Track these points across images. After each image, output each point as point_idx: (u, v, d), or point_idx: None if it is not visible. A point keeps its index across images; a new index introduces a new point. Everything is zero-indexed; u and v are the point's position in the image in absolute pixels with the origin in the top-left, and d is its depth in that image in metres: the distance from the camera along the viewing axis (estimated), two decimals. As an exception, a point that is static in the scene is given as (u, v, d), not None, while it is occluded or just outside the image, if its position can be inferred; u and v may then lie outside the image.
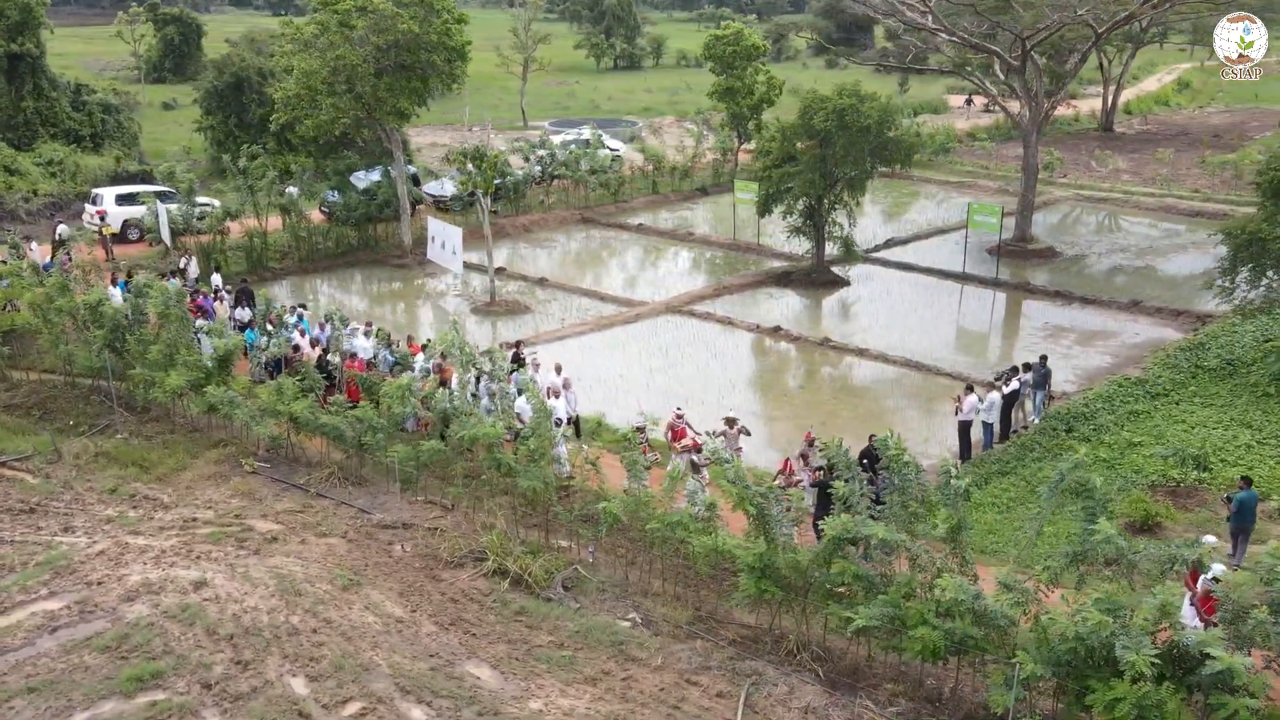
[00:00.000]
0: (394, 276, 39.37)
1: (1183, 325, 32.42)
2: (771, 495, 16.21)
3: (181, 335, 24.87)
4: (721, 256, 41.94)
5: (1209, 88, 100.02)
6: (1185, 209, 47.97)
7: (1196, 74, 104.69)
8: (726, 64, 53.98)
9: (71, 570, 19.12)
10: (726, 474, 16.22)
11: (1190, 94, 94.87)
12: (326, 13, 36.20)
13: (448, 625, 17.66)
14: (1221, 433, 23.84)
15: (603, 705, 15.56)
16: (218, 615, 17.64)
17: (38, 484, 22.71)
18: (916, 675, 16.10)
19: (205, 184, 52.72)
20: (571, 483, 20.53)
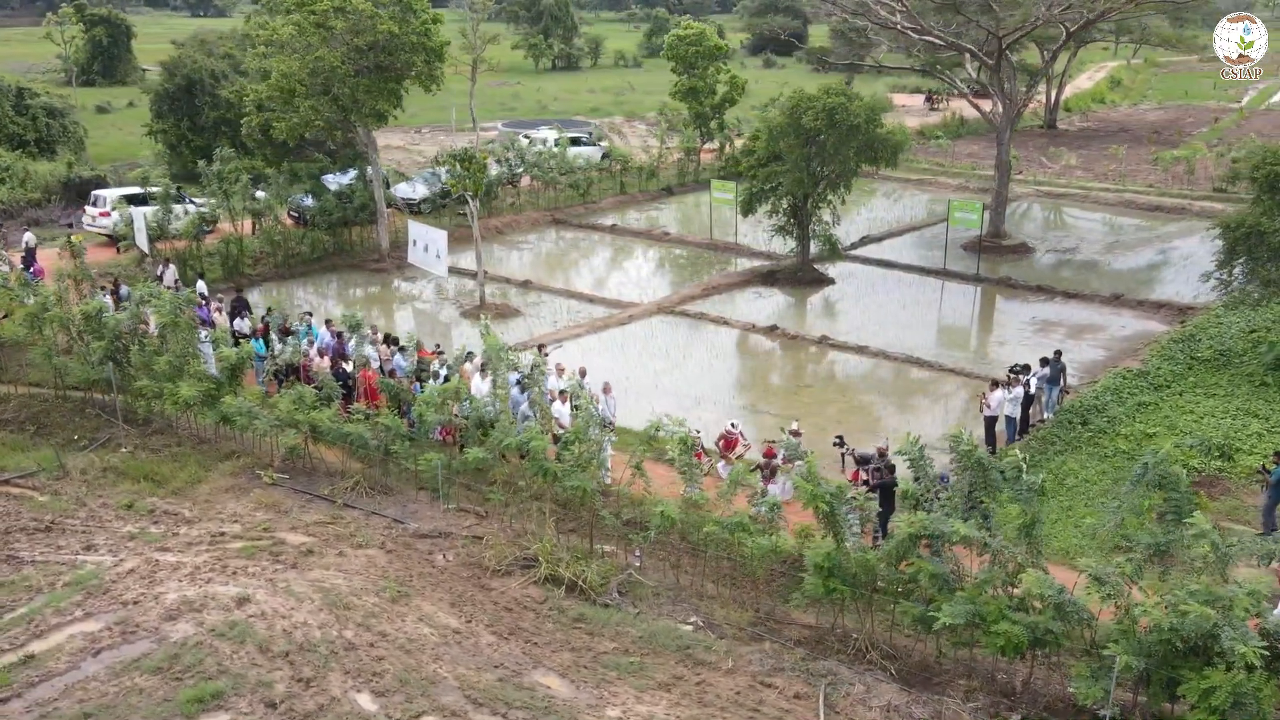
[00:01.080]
0: (373, 281, 38.76)
1: (1166, 318, 33.12)
2: (841, 495, 16.20)
3: (188, 345, 24.18)
4: (700, 256, 41.96)
5: (1139, 84, 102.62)
6: (1144, 204, 49.05)
7: (1124, 71, 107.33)
8: (689, 64, 54.04)
9: (104, 590, 18.53)
10: (799, 473, 16.20)
11: (1122, 91, 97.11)
12: (303, 13, 35.46)
13: (506, 635, 17.39)
14: (1230, 422, 24.37)
15: (681, 710, 15.44)
16: (267, 632, 17.21)
17: (48, 501, 21.97)
18: (987, 670, 16.22)
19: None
20: (611, 488, 20.36)
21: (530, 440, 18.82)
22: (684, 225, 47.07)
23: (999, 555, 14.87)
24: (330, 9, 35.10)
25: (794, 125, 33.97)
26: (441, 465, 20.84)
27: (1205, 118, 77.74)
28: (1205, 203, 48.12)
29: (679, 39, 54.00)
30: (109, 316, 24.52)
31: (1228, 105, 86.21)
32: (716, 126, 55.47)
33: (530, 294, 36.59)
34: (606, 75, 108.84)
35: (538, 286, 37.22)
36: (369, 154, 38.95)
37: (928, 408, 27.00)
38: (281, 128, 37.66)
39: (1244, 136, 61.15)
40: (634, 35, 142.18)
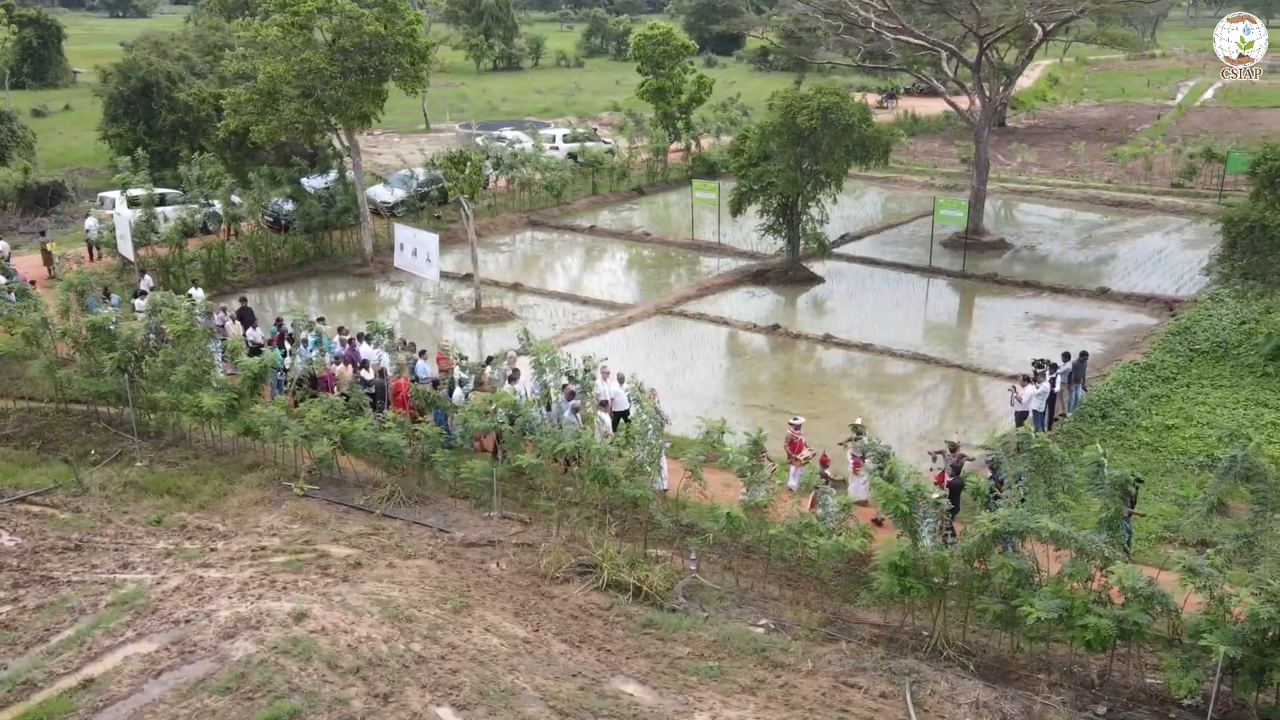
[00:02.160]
0: (358, 286, 38.17)
1: (1153, 311, 33.79)
2: (919, 494, 16.28)
3: (205, 355, 23.60)
4: (684, 257, 41.92)
5: (1075, 82, 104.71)
6: (1108, 199, 50.00)
7: (1059, 69, 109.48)
8: (656, 64, 54.02)
9: (153, 609, 18.03)
10: (880, 472, 16.24)
11: (1060, 89, 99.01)
12: (286, 14, 34.79)
13: (578, 643, 17.21)
14: (1244, 412, 24.94)
15: (769, 714, 15.40)
16: (331, 648, 16.85)
17: (70, 519, 21.32)
18: (1063, 664, 16.39)
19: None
20: (666, 493, 20.27)
21: (590, 446, 18.62)
22: (660, 226, 47.01)
23: (1086, 549, 15.00)
24: (314, 9, 34.48)
25: (788, 124, 34.08)
26: (486, 473, 20.54)
27: (1145, 115, 79.43)
28: (1167, 198, 49.22)
29: (646, 38, 53.98)
30: (124, 327, 23.74)
31: (1164, 102, 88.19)
32: (683, 126, 55.54)
33: (521, 297, 36.30)
34: (549, 75, 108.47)
35: (528, 289, 36.93)
36: (352, 156, 38.31)
37: (947, 404, 27.27)
38: (261, 131, 36.93)
39: (1193, 133, 62.76)
40: (569, 36, 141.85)
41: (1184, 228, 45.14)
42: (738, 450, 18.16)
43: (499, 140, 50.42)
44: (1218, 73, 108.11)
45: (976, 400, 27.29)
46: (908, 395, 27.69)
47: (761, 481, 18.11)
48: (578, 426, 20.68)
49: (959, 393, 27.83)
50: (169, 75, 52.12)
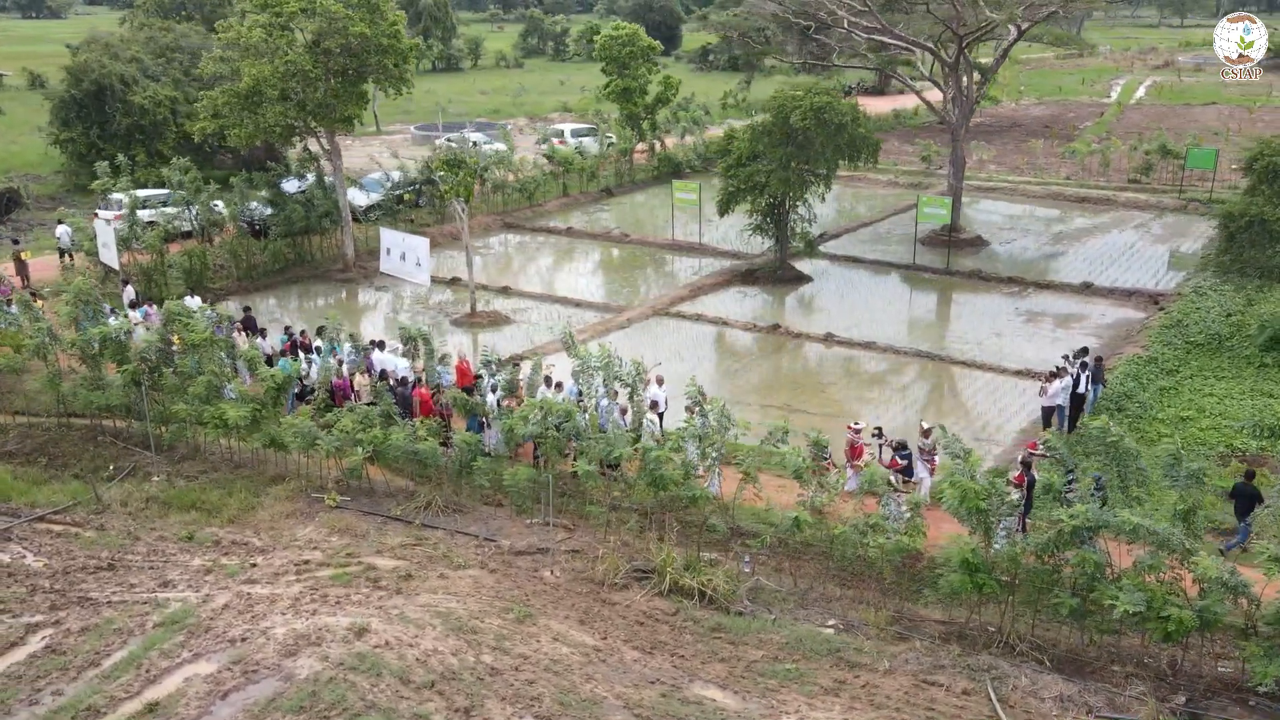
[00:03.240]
0: (343, 291, 37.52)
1: (1139, 305, 34.47)
2: (994, 493, 16.39)
3: (223, 366, 23.03)
4: (666, 257, 41.86)
5: (1011, 81, 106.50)
6: (1071, 196, 50.93)
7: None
8: (621, 64, 53.90)
9: (205, 628, 17.52)
10: (958, 471, 16.33)
11: (1000, 88, 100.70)
12: (268, 15, 34.07)
13: (649, 649, 17.07)
14: (1251, 403, 25.52)
15: (856, 715, 15.39)
16: (399, 662, 16.50)
17: (96, 537, 20.67)
18: (1134, 655, 16.62)
19: (63, 200, 48.92)
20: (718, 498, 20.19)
21: (648, 450, 18.48)
22: (635, 226, 46.87)
23: (1169, 542, 15.21)
24: (297, 10, 33.82)
25: (780, 124, 34.18)
26: (532, 480, 20.31)
27: (1085, 112, 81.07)
28: (1127, 194, 50.28)
29: (611, 39, 53.82)
30: (142, 336, 23.03)
31: (1100, 100, 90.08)
32: (649, 127, 55.49)
33: (512, 300, 35.96)
34: (490, 76, 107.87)
35: (517, 292, 36.60)
36: (332, 160, 37.64)
37: (963, 400, 27.51)
38: (238, 134, 36.12)
39: (1135, 130, 64.29)
40: (505, 36, 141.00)
41: (1149, 223, 46.13)
42: (798, 452, 18.12)
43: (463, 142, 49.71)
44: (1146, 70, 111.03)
45: (991, 397, 27.55)
46: (920, 393, 27.94)
47: (829, 487, 18.08)
48: (625, 430, 20.54)
49: (970, 389, 28.10)
50: (122, 78, 50.80)
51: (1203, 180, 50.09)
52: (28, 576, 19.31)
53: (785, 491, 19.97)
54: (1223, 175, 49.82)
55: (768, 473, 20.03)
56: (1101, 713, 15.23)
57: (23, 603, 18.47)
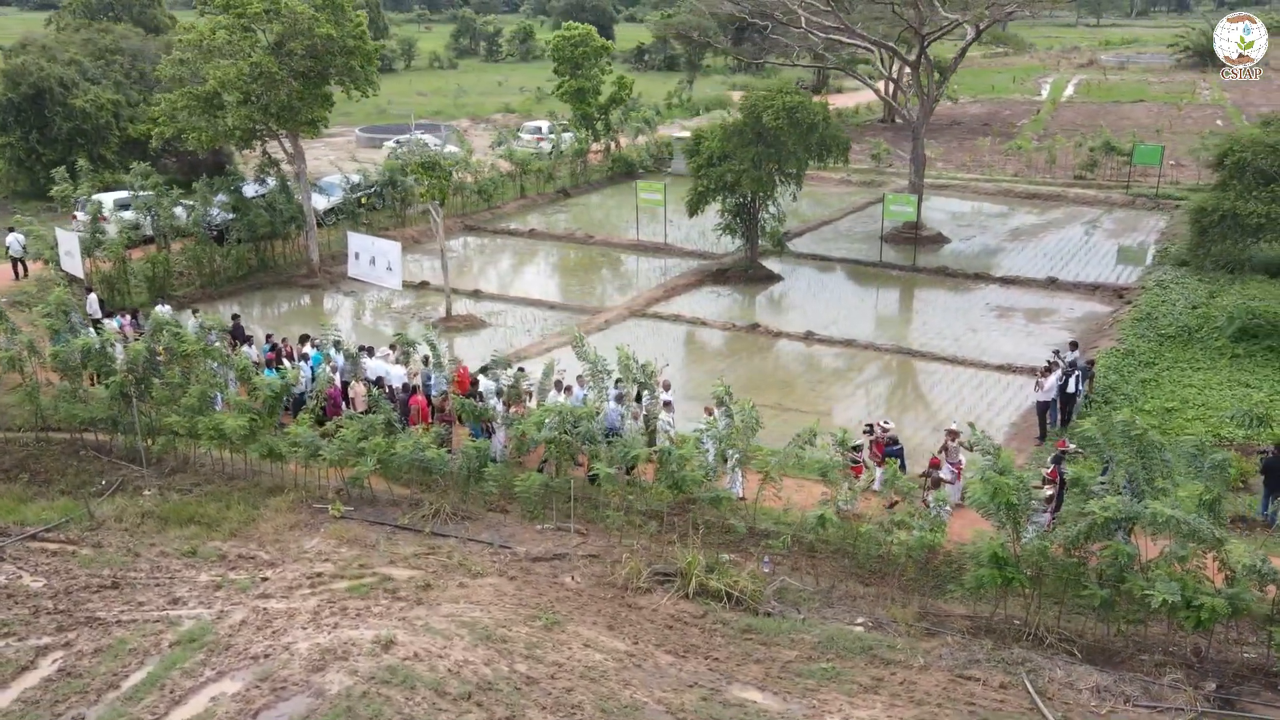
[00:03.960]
0: (310, 297, 36.89)
1: (1104, 298, 35.19)
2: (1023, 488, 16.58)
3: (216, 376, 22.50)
4: (633, 258, 41.82)
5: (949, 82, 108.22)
6: (1021, 193, 51.82)
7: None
8: (575, 65, 53.69)
9: (225, 646, 17.07)
10: (986, 469, 16.49)
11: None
12: (230, 15, 33.35)
13: (682, 653, 16.98)
14: (1230, 392, 26.15)
15: (900, 712, 15.45)
16: (432, 674, 16.23)
17: (94, 555, 20.05)
18: (1159, 644, 16.91)
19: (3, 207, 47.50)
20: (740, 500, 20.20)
21: (670, 452, 18.40)
22: (596, 227, 46.74)
23: (1199, 533, 15.49)
24: (261, 11, 33.16)
25: (753, 124, 34.30)
26: (543, 486, 20.13)
27: (1020, 110, 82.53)
28: (1076, 190, 51.32)
29: (564, 39, 53.58)
30: (132, 348, 22.37)
31: (1031, 98, 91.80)
32: (603, 127, 55.37)
33: (483, 303, 35.64)
34: (425, 77, 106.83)
35: (488, 295, 36.30)
36: (296, 164, 36.97)
37: (951, 396, 27.77)
38: (195, 138, 35.34)
39: (1070, 128, 65.76)
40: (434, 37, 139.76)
41: (1100, 218, 47.12)
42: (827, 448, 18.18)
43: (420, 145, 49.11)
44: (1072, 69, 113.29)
45: (977, 392, 27.90)
46: (908, 390, 28.23)
47: (856, 487, 18.16)
48: (638, 432, 20.45)
49: (956, 386, 28.41)
50: (61, 81, 49.40)
51: (1145, 176, 51.32)
52: (28, 597, 18.67)
53: (803, 491, 20.04)
54: (1163, 171, 51.03)
55: (788, 474, 20.06)
56: (1139, 702, 15.46)
57: (27, 625, 17.86)
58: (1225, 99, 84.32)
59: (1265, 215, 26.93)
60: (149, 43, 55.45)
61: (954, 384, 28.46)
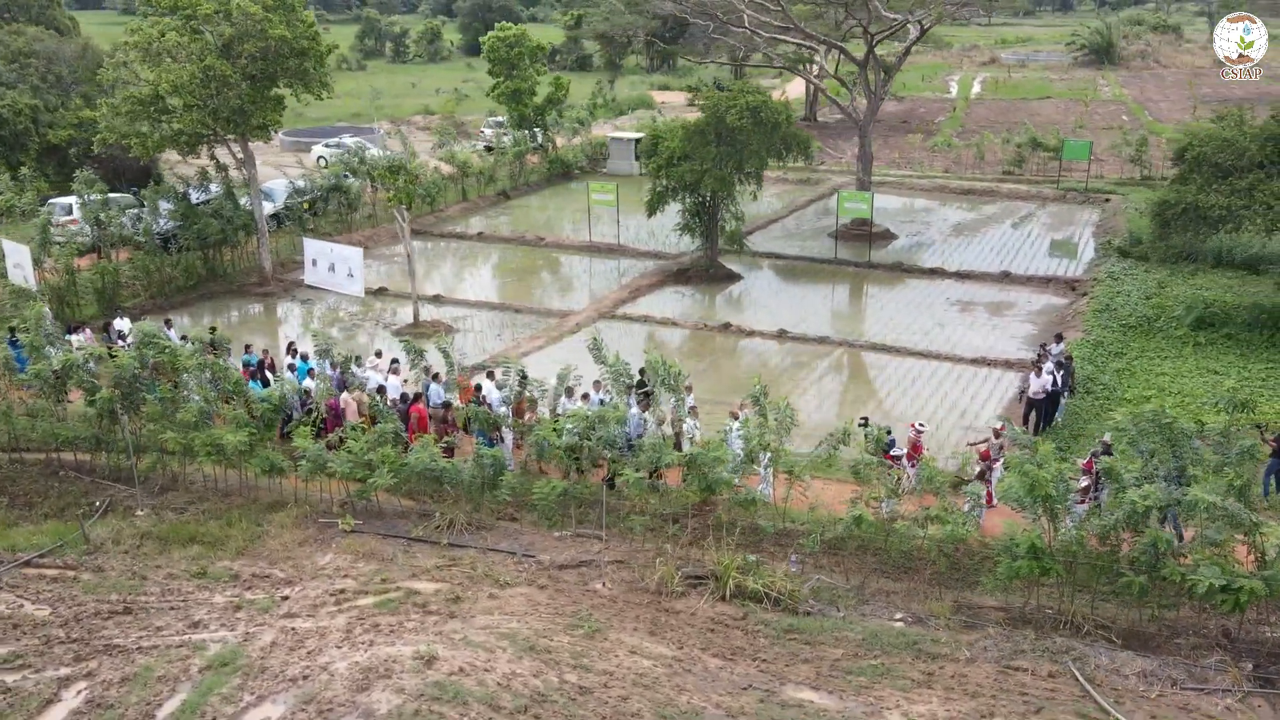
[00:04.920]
0: (264, 306, 35.91)
1: (1058, 291, 36.08)
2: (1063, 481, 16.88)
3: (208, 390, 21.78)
4: (588, 259, 41.59)
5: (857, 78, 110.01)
6: (955, 188, 52.81)
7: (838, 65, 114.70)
8: (510, 65, 53.20)
9: (260, 669, 16.53)
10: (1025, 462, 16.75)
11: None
12: (178, 17, 32.28)
13: (729, 656, 16.93)
14: (1202, 379, 26.99)
15: (957, 705, 15.60)
16: (482, 689, 15.92)
17: (97, 580, 19.25)
18: (1192, 628, 17.37)
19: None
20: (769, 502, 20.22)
21: (700, 455, 18.33)
22: (543, 229, 46.34)
23: (1237, 517, 15.93)
24: (212, 12, 32.16)
25: (715, 123, 34.36)
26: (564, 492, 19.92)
27: (934, 108, 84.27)
28: (1008, 185, 52.51)
29: (499, 40, 53.04)
30: (122, 359, 21.46)
31: (941, 95, 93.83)
32: (541, 129, 54.96)
33: (445, 308, 35.09)
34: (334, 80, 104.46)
35: (450, 300, 35.77)
36: (247, 169, 35.95)
37: (935, 390, 28.09)
38: (142, 144, 34.12)
39: (986, 124, 67.39)
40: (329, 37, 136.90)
41: (1035, 212, 48.28)
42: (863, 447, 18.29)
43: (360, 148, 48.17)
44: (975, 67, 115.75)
45: (958, 385, 28.34)
46: (892, 384, 28.51)
47: (892, 486, 18.28)
48: (660, 435, 20.35)
49: (937, 380, 28.76)
50: (-27, 86, 47.48)
51: (1069, 171, 52.75)
52: (36, 627, 17.84)
53: (830, 490, 20.14)
54: (1090, 166, 52.49)
55: (815, 475, 20.15)
56: (1186, 685, 15.84)
57: (41, 655, 17.07)
58: (1125, 95, 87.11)
59: (1226, 207, 27.86)
60: (65, 45, 53.54)
61: (933, 379, 28.85)
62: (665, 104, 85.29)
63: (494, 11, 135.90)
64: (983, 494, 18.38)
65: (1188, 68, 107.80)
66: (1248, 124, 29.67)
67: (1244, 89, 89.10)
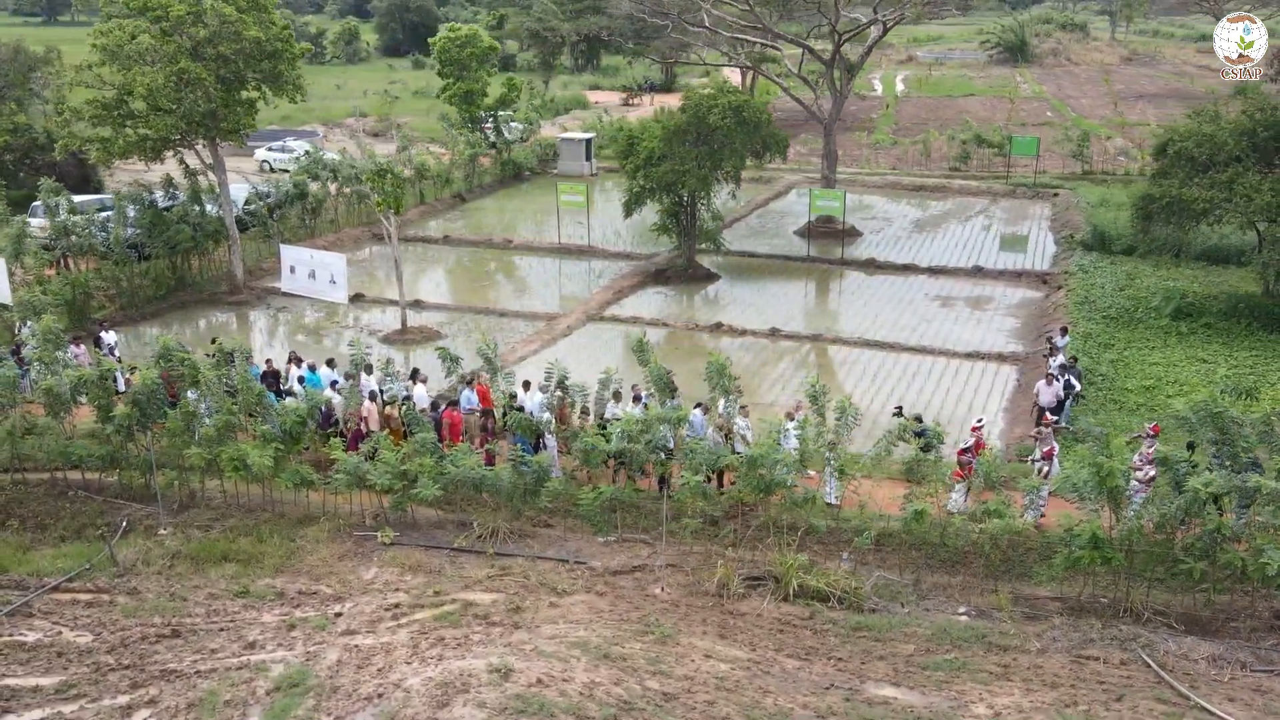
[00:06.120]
0: (237, 315, 34.94)
1: (1031, 284, 36.81)
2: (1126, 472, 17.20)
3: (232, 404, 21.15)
4: (561, 261, 41.32)
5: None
6: (908, 185, 53.60)
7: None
8: (461, 66, 52.58)
9: (331, 689, 16.11)
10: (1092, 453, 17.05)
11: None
12: (148, 18, 31.25)
13: (804, 656, 16.95)
14: (1193, 368, 27.72)
15: (1039, 696, 15.81)
16: (565, 699, 15.70)
17: (136, 603, 18.57)
18: (1244, 612, 17.83)
19: None
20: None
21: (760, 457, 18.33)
22: (506, 230, 45.95)
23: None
24: (185, 14, 31.22)
25: (696, 123, 34.36)
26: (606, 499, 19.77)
27: (865, 106, 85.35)
28: (959, 181, 53.45)
29: (450, 41, 52.37)
30: (141, 375, 20.68)
31: (867, 93, 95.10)
32: (494, 130, 54.42)
33: (427, 313, 34.54)
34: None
35: (430, 305, 35.21)
36: (218, 174, 34.97)
37: (935, 385, 28.36)
38: (101, 150, 32.99)
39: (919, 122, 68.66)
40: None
41: (989, 207, 49.25)
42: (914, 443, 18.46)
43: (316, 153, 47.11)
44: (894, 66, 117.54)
45: (957, 379, 28.72)
46: (894, 381, 28.75)
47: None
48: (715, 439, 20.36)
49: (936, 375, 29.09)
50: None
51: (1014, 166, 53.94)
52: (81, 654, 17.15)
53: (880, 489, 20.30)
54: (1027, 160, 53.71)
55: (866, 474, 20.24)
56: (1254, 668, 16.26)
57: (95, 684, 16.40)
58: (1045, 92, 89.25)
59: (1209, 200, 28.69)
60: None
61: (933, 373, 29.19)
62: (599, 104, 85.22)
63: (412, 11, 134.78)
64: (1043, 489, 18.64)
65: (1097, 64, 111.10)
66: (1223, 119, 30.55)
67: (1153, 84, 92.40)
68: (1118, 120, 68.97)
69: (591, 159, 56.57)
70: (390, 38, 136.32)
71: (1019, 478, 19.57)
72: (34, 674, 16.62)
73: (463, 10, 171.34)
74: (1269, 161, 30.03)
